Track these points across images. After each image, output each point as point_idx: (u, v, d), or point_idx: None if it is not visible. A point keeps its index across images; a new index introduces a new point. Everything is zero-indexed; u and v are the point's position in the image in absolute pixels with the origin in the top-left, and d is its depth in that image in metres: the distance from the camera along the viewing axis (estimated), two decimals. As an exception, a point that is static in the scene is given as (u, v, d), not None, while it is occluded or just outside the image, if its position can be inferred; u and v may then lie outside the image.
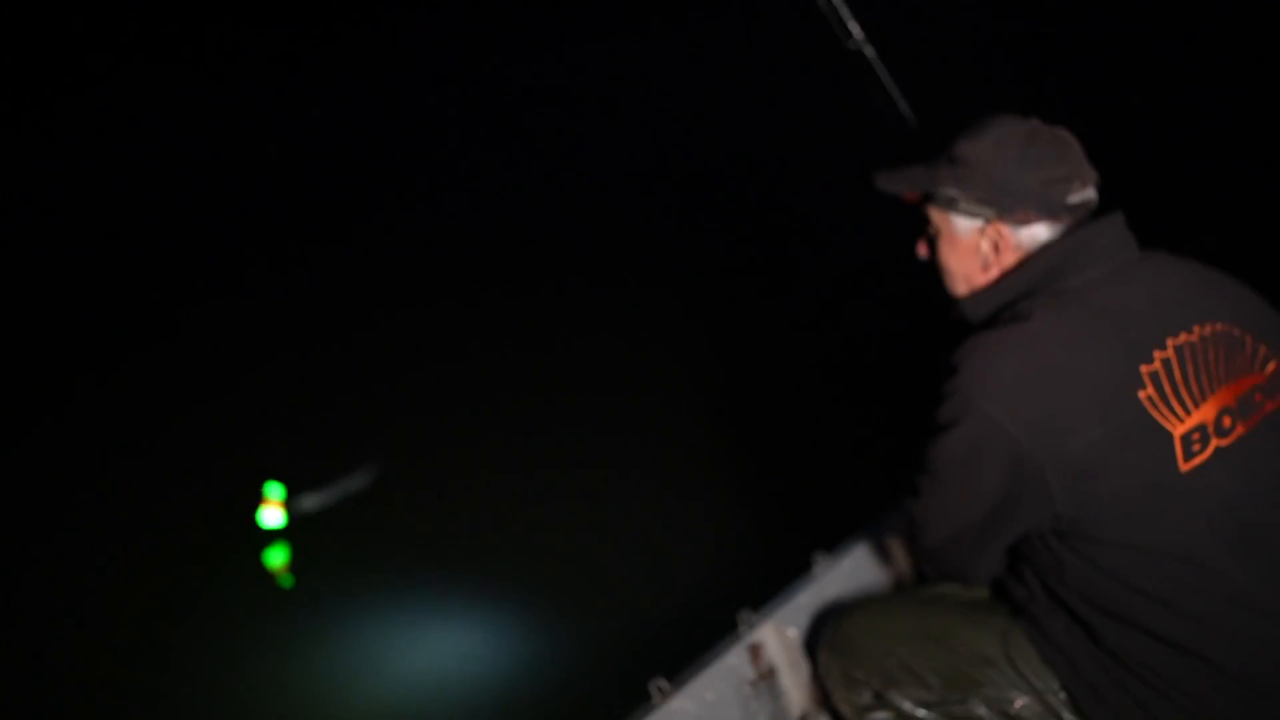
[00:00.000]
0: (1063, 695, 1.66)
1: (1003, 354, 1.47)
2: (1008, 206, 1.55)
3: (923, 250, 1.70)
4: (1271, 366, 1.55)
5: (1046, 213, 1.54)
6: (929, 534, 1.60)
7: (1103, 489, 1.43)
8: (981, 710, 1.72)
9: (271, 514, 3.98)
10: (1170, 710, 1.52)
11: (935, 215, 1.64)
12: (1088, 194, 1.56)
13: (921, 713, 1.77)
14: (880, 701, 1.82)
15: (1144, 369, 1.45)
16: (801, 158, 6.40)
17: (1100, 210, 1.60)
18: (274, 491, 4.05)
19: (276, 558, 3.94)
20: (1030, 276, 1.54)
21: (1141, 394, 1.44)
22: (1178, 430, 1.44)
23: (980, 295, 1.60)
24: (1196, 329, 1.50)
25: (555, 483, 4.11)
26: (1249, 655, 1.48)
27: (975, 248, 1.60)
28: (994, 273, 1.60)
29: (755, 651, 2.12)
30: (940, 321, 1.71)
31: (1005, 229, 1.56)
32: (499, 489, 4.14)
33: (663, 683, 2.01)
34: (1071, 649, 1.61)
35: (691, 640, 2.16)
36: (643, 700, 1.98)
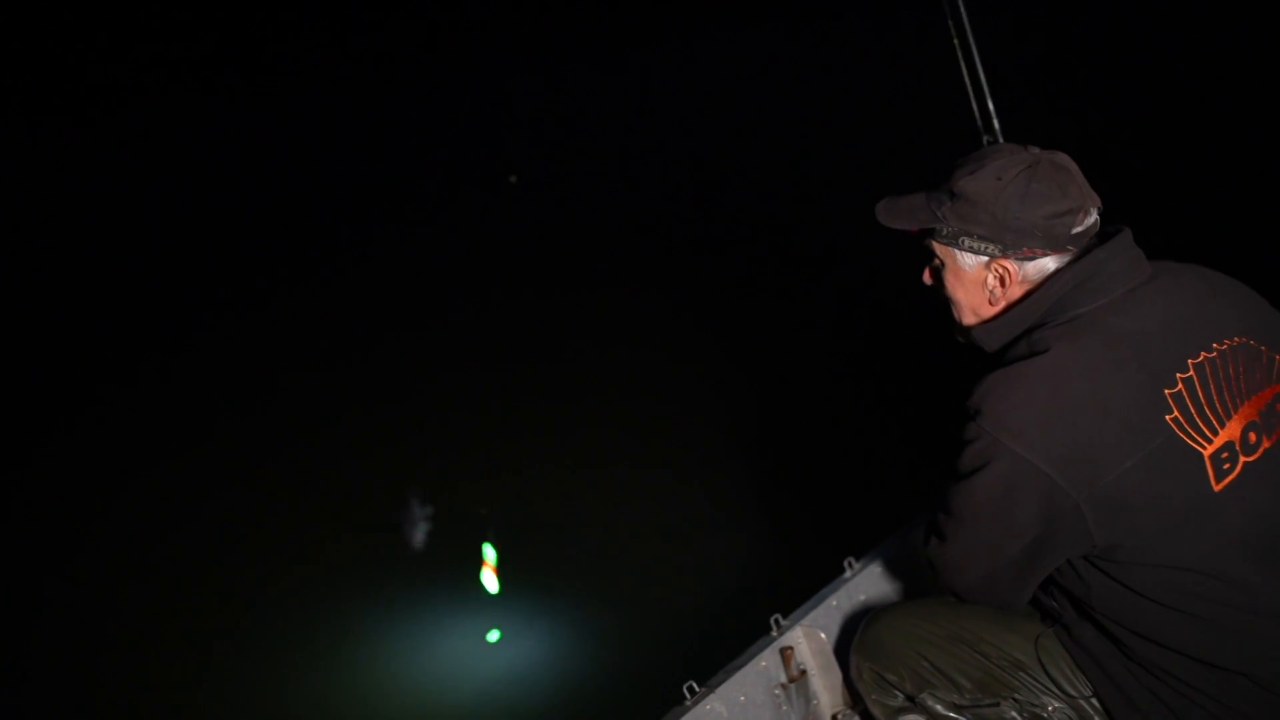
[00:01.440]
0: (1095, 701, 1.66)
1: (1026, 392, 1.44)
2: (1012, 243, 1.52)
3: (927, 278, 1.68)
4: None
5: (1052, 247, 1.52)
6: (960, 577, 1.58)
7: (1139, 517, 1.42)
8: (1013, 714, 1.72)
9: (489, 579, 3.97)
10: (1202, 716, 1.52)
11: (939, 249, 1.61)
12: (1089, 220, 1.54)
13: (953, 716, 1.78)
14: (912, 704, 1.83)
15: (1168, 392, 1.43)
16: (831, 169, 6.41)
17: (1105, 225, 1.59)
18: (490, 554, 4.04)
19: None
20: (1042, 306, 1.52)
21: (1168, 418, 1.42)
22: (1208, 451, 1.43)
23: (992, 326, 1.58)
24: (1215, 346, 1.48)
25: (591, 490, 4.15)
26: None
27: (982, 282, 1.58)
28: (1001, 306, 1.58)
29: (787, 654, 2.13)
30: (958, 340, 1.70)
31: (1011, 264, 1.54)
32: (536, 496, 4.18)
33: (695, 685, 2.02)
34: (1103, 656, 1.61)
35: (724, 643, 2.18)
36: (676, 702, 1.99)
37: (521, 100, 8.91)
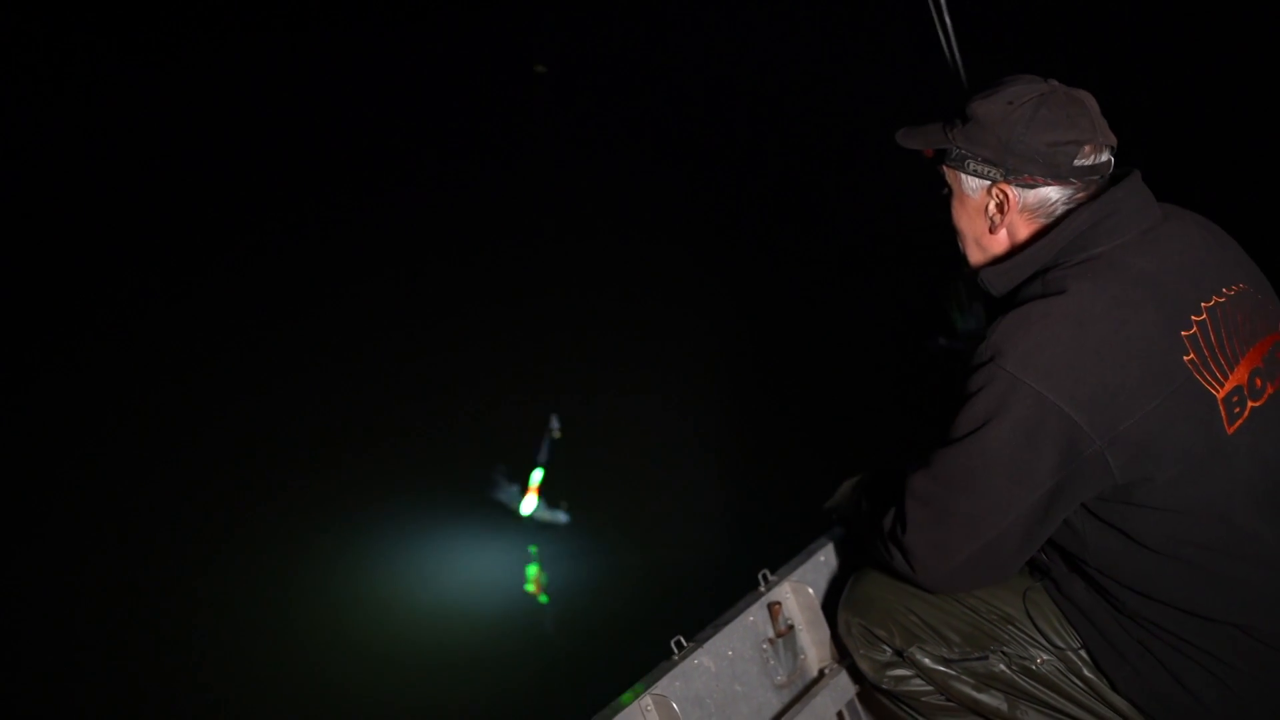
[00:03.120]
0: (1083, 653, 1.66)
1: (1050, 331, 1.41)
2: (1014, 168, 1.51)
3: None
4: None
5: (1053, 175, 1.51)
6: (947, 561, 1.49)
7: (1158, 459, 1.41)
8: (1002, 667, 1.73)
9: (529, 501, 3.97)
10: (1193, 669, 1.53)
11: (948, 174, 1.61)
12: (1100, 158, 1.51)
13: (942, 669, 1.78)
14: (900, 658, 1.83)
15: (1184, 334, 1.43)
16: (828, 129, 6.35)
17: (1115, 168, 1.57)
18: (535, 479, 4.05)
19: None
20: (1056, 246, 1.50)
21: (1185, 359, 1.42)
22: (1220, 394, 1.43)
23: (1001, 268, 1.55)
24: (1225, 291, 1.49)
25: (582, 444, 4.14)
26: (1277, 615, 1.48)
27: (982, 208, 1.57)
28: (1001, 235, 1.57)
29: (774, 609, 2.13)
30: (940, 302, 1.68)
31: (1011, 190, 1.53)
32: (527, 447, 4.18)
33: (684, 639, 2.02)
34: (1092, 609, 1.62)
35: (712, 598, 2.17)
36: (664, 656, 1.99)
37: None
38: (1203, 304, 1.46)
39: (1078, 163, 1.50)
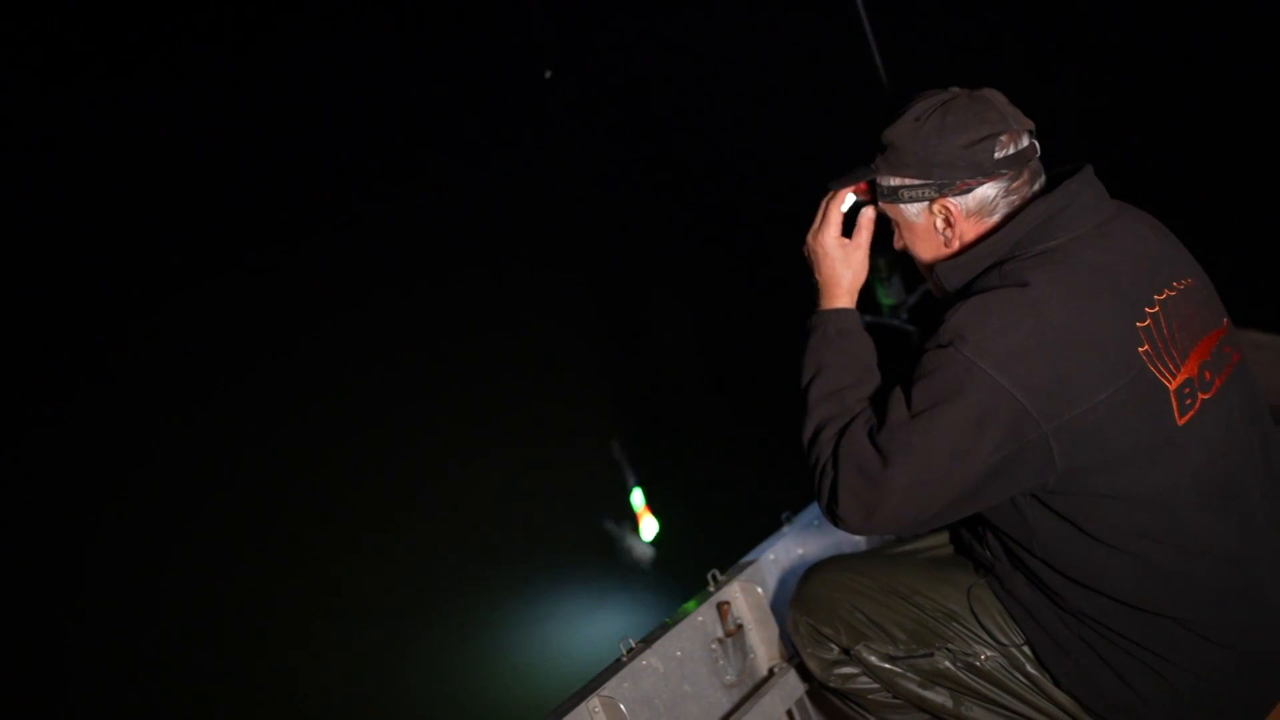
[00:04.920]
0: (1026, 649, 1.68)
1: (1010, 319, 1.43)
2: (941, 178, 1.53)
3: (897, 242, 1.67)
4: (1226, 320, 1.59)
5: (979, 173, 1.52)
6: (875, 515, 1.47)
7: (1106, 447, 1.43)
8: (947, 663, 1.74)
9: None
10: (1133, 664, 1.55)
11: (887, 210, 1.62)
12: (1021, 144, 1.53)
13: (888, 667, 1.79)
14: (847, 656, 1.84)
15: (1139, 325, 1.46)
16: (791, 146, 6.36)
17: (1055, 158, 1.60)
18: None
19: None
20: (1011, 239, 1.52)
21: (1141, 350, 1.45)
22: (1173, 385, 1.46)
23: (957, 261, 1.56)
24: (1176, 285, 1.52)
25: (526, 449, 4.11)
26: (1219, 608, 1.51)
27: (932, 228, 1.58)
28: (955, 245, 1.58)
29: (724, 609, 2.13)
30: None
31: (951, 202, 1.54)
32: (478, 458, 4.14)
33: (632, 640, 2.02)
34: (1034, 605, 1.63)
35: (661, 598, 2.17)
36: (613, 658, 1.98)
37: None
38: (1155, 297, 1.49)
39: (998, 154, 1.51)
